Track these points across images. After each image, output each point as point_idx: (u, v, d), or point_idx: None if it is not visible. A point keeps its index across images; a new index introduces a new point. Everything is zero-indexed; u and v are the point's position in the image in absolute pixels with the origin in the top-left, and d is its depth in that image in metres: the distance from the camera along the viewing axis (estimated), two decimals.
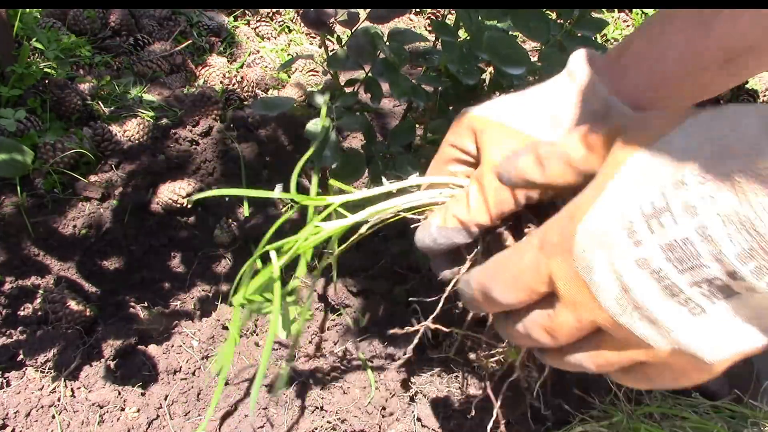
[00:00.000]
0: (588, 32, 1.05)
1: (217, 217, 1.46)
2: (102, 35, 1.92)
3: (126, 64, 1.82)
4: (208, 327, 1.24)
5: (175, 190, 1.43)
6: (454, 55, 1.05)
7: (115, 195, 1.45)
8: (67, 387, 1.13)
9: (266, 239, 0.63)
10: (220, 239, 1.43)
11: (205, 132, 1.61)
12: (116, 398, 1.12)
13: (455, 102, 1.18)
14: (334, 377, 1.20)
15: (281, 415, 1.13)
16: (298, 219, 1.50)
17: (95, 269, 1.34)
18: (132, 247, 1.38)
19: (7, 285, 1.26)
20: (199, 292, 1.35)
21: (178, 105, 1.70)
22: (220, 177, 1.54)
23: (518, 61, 1.00)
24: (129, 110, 1.65)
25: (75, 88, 1.62)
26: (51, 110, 1.57)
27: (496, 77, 1.14)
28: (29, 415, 1.08)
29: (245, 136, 1.63)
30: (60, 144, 1.44)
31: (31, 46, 1.67)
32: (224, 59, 1.93)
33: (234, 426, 1.12)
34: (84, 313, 1.23)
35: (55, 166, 1.42)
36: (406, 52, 1.05)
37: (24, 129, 1.47)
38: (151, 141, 1.57)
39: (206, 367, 1.20)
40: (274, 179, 1.57)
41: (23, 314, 1.23)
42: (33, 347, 1.15)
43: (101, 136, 1.52)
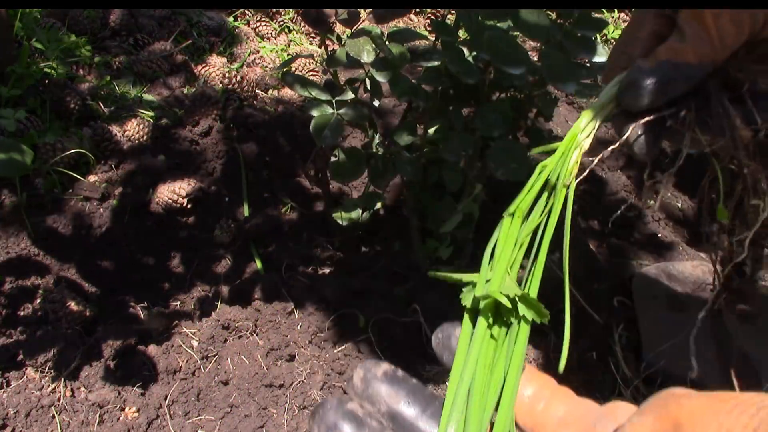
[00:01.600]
0: (588, 32, 1.05)
1: (217, 217, 1.46)
2: (102, 35, 1.92)
3: (126, 64, 1.82)
4: (208, 327, 1.24)
5: (175, 190, 1.43)
6: (454, 55, 1.05)
7: (115, 195, 1.45)
8: (67, 387, 1.13)
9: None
10: (220, 239, 1.43)
11: (205, 132, 1.61)
12: (116, 398, 1.12)
13: (455, 102, 1.18)
14: (333, 377, 1.20)
15: (281, 415, 1.13)
16: (297, 219, 1.50)
17: (95, 269, 1.34)
18: (132, 247, 1.38)
19: (7, 285, 1.26)
20: (199, 292, 1.35)
21: (178, 105, 1.70)
22: (220, 177, 1.54)
23: (518, 61, 1.00)
24: (129, 110, 1.65)
25: (75, 88, 1.62)
26: (51, 110, 1.57)
27: (496, 77, 1.14)
28: (29, 415, 1.08)
29: (245, 136, 1.63)
30: (60, 144, 1.44)
31: (31, 46, 1.67)
32: (224, 59, 1.93)
33: (234, 426, 1.12)
34: (84, 313, 1.23)
35: (55, 166, 1.42)
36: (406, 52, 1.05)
37: (24, 129, 1.47)
38: (151, 141, 1.56)
39: (206, 367, 1.20)
40: (274, 179, 1.57)
41: (23, 314, 1.23)
42: (33, 347, 1.15)
43: (101, 136, 1.52)
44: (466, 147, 1.13)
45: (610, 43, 2.44)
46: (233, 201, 1.50)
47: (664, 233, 1.67)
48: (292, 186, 1.57)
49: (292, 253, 1.41)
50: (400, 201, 1.53)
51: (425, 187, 1.32)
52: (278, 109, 1.79)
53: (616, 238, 1.61)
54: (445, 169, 1.20)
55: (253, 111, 1.73)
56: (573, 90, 0.98)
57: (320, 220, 1.49)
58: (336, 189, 1.58)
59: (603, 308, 1.39)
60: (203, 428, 1.12)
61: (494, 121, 1.09)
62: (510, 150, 1.09)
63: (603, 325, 1.36)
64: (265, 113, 1.75)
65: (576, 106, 2.05)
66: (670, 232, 1.68)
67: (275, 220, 1.48)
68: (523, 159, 1.08)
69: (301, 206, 1.53)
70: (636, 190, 1.78)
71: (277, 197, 1.54)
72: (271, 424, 1.13)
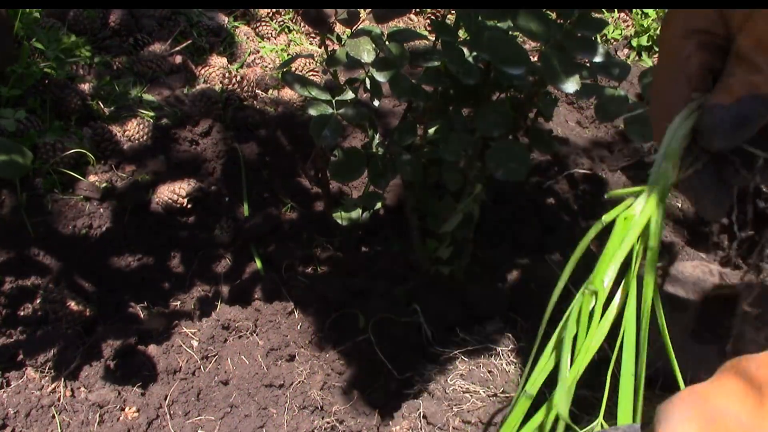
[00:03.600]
0: (588, 32, 1.04)
1: (217, 217, 1.46)
2: (102, 35, 1.92)
3: (126, 64, 1.82)
4: (208, 327, 1.24)
5: (175, 190, 1.43)
6: (454, 55, 1.05)
7: (115, 195, 1.45)
8: (66, 387, 1.13)
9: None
10: (220, 239, 1.43)
11: (205, 132, 1.61)
12: (116, 398, 1.12)
13: (455, 102, 1.18)
14: (333, 377, 1.20)
15: (281, 415, 1.13)
16: (297, 219, 1.50)
17: (95, 269, 1.34)
18: (132, 247, 1.38)
19: (7, 285, 1.26)
20: (199, 292, 1.35)
21: (178, 105, 1.70)
22: (220, 177, 1.54)
23: (518, 61, 1.00)
24: (129, 110, 1.65)
25: (75, 88, 1.62)
26: (51, 110, 1.57)
27: (496, 77, 1.14)
28: (29, 415, 1.08)
29: (245, 136, 1.63)
30: (60, 144, 1.44)
31: (31, 46, 1.67)
32: (224, 59, 1.93)
33: (234, 426, 1.12)
34: (84, 313, 1.23)
35: (55, 166, 1.42)
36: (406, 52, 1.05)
37: (24, 129, 1.46)
38: (151, 141, 1.56)
39: (206, 367, 1.20)
40: (274, 179, 1.57)
41: (23, 314, 1.23)
42: (33, 347, 1.15)
43: (101, 136, 1.52)
44: (466, 147, 1.13)
45: (610, 42, 2.44)
46: (233, 201, 1.50)
47: (664, 233, 1.67)
48: (292, 186, 1.57)
49: (292, 253, 1.41)
50: (400, 201, 1.53)
51: (425, 187, 1.32)
52: (278, 109, 1.79)
53: None
54: (445, 169, 1.20)
55: (253, 111, 1.73)
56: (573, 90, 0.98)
57: (320, 220, 1.49)
58: (336, 189, 1.58)
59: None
60: (203, 428, 1.12)
61: (494, 121, 1.09)
62: (510, 150, 1.09)
63: None
64: (265, 113, 1.75)
65: (576, 106, 2.04)
66: (670, 232, 1.68)
67: (275, 220, 1.48)
68: (523, 159, 1.08)
69: (301, 206, 1.53)
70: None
71: (277, 197, 1.54)
72: (271, 424, 1.13)
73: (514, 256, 1.44)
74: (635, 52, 2.39)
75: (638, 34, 2.41)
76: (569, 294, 0.45)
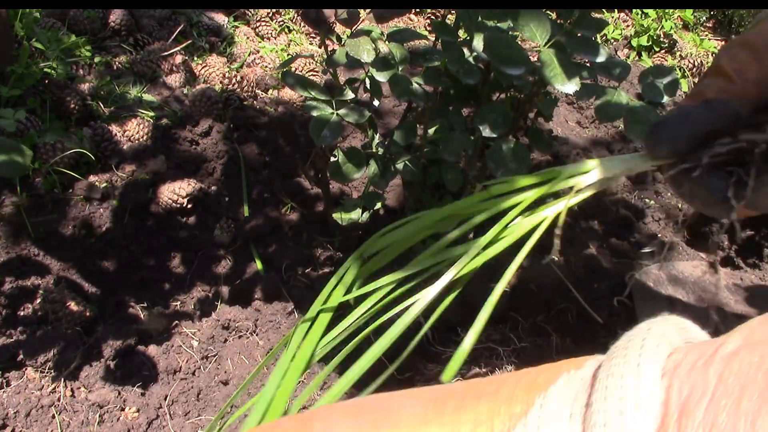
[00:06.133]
0: (588, 32, 1.04)
1: (217, 217, 1.46)
2: (102, 35, 1.92)
3: (126, 64, 1.82)
4: (208, 327, 1.24)
5: (175, 190, 1.43)
6: (454, 55, 1.05)
7: (115, 195, 1.45)
8: (67, 387, 1.13)
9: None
10: (220, 239, 1.43)
11: (205, 132, 1.61)
12: (116, 398, 1.12)
13: (455, 102, 1.18)
14: (333, 377, 1.20)
15: None
16: (297, 219, 1.50)
17: (95, 269, 1.34)
18: (132, 247, 1.38)
19: (7, 285, 1.26)
20: (198, 292, 1.35)
21: (178, 105, 1.70)
22: (220, 177, 1.54)
23: (518, 61, 1.00)
24: (129, 110, 1.65)
25: (75, 88, 1.62)
26: (51, 110, 1.57)
27: (496, 77, 1.14)
28: (29, 415, 1.08)
29: (245, 136, 1.63)
30: (60, 144, 1.44)
31: (31, 46, 1.67)
32: (224, 59, 1.93)
33: (234, 426, 1.12)
34: (84, 313, 1.23)
35: (55, 166, 1.42)
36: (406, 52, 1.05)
37: (24, 129, 1.47)
38: (151, 141, 1.56)
39: (206, 367, 1.20)
40: (274, 179, 1.57)
41: (23, 314, 1.23)
42: (33, 347, 1.15)
43: (101, 136, 1.52)
44: (466, 147, 1.13)
45: (610, 42, 2.44)
46: (233, 201, 1.50)
47: (664, 233, 1.67)
48: (292, 186, 1.57)
49: (292, 254, 1.41)
50: (400, 201, 1.53)
51: (425, 187, 1.32)
52: (278, 109, 1.79)
53: (616, 238, 1.61)
54: (445, 169, 1.20)
55: (253, 111, 1.73)
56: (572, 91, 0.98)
57: (320, 220, 1.49)
58: (336, 189, 1.58)
59: (603, 308, 1.39)
60: (203, 428, 1.12)
61: (494, 121, 1.09)
62: (510, 150, 1.09)
63: (603, 325, 1.36)
64: (265, 113, 1.75)
65: (576, 106, 2.04)
66: (670, 232, 1.68)
67: (275, 220, 1.48)
68: (523, 159, 1.08)
69: (301, 206, 1.53)
70: (632, 187, 1.78)
71: (277, 197, 1.54)
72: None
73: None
74: (635, 52, 2.39)
75: (638, 34, 2.41)
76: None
